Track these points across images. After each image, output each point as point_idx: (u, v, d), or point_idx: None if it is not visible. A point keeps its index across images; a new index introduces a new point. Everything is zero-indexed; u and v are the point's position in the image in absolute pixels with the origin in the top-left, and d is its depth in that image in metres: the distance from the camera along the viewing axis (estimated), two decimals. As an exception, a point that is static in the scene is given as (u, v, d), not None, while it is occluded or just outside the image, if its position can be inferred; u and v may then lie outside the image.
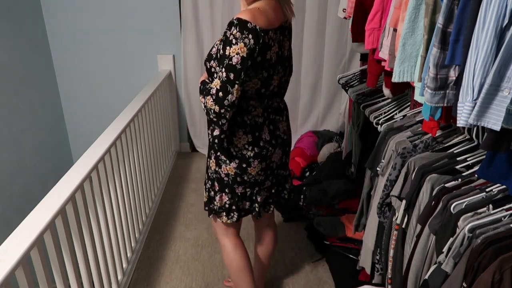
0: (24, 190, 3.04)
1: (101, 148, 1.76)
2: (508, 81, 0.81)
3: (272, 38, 1.31)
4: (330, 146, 3.19)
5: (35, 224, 1.24)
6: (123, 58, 3.43)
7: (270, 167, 1.53)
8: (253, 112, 1.43)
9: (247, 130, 1.44)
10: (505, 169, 1.07)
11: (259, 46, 1.26)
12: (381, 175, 1.66)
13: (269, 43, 1.30)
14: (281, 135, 1.52)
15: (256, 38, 1.25)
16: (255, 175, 1.50)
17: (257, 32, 1.25)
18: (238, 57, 1.24)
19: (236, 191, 1.54)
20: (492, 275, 0.92)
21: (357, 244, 2.19)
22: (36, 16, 3.20)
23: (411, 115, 1.78)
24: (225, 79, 1.26)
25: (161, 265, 2.22)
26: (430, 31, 1.11)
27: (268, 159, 1.50)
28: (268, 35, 1.28)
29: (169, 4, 3.25)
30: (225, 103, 1.28)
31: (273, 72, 1.38)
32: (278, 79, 1.42)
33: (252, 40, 1.24)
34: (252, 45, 1.24)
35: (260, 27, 1.25)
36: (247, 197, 1.57)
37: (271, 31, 1.30)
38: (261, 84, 1.37)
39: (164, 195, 2.92)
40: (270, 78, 1.38)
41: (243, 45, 1.24)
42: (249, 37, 1.24)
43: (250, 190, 1.55)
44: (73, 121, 3.64)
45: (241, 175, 1.49)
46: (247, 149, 1.45)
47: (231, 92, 1.27)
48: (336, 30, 3.29)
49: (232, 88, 1.27)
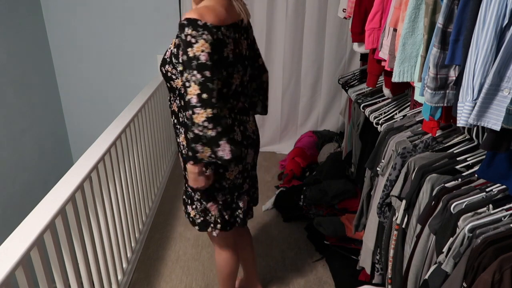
0: (24, 190, 3.04)
1: (101, 148, 1.76)
2: (508, 81, 0.81)
3: (226, 35, 1.27)
4: (330, 146, 3.19)
5: (35, 224, 1.24)
6: (123, 58, 3.43)
7: (246, 169, 1.51)
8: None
9: None
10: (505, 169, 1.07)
11: (215, 43, 1.23)
12: (381, 175, 1.66)
13: (223, 39, 1.26)
14: (251, 135, 1.49)
15: (210, 33, 1.21)
16: (233, 179, 1.47)
17: (209, 28, 1.21)
18: (205, 53, 1.20)
19: (217, 199, 1.49)
20: (492, 275, 0.92)
21: (357, 244, 2.19)
22: (36, 16, 3.20)
23: (411, 115, 1.78)
24: (202, 79, 1.20)
25: (161, 265, 2.22)
26: (430, 31, 1.11)
27: (244, 160, 1.47)
28: (220, 31, 1.24)
29: (169, 4, 3.25)
30: (213, 101, 1.22)
31: (232, 70, 1.33)
32: (239, 78, 1.38)
33: (209, 36, 1.21)
34: (211, 41, 1.21)
35: (210, 24, 1.22)
36: (228, 206, 1.53)
37: (223, 28, 1.25)
38: (222, 84, 1.31)
39: (164, 195, 2.92)
40: (230, 77, 1.34)
41: (204, 42, 1.20)
42: (205, 33, 1.20)
43: (230, 196, 1.51)
44: (73, 121, 3.64)
45: (219, 180, 1.45)
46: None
47: (214, 89, 1.22)
48: (336, 30, 3.29)
49: (212, 84, 1.22)
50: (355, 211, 2.21)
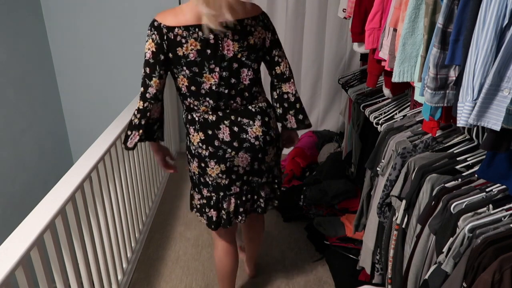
0: (24, 190, 3.04)
1: (101, 148, 1.76)
2: (508, 81, 0.81)
3: (181, 35, 1.32)
4: (330, 146, 3.18)
5: (35, 224, 1.24)
6: (123, 58, 3.43)
7: (233, 171, 1.48)
8: (198, 110, 1.44)
9: (197, 127, 1.45)
10: (505, 169, 1.07)
11: (165, 42, 1.33)
12: (381, 175, 1.66)
13: (175, 39, 1.32)
14: (248, 139, 1.45)
15: (159, 34, 1.32)
16: (215, 177, 1.48)
17: (160, 29, 1.32)
18: (149, 51, 1.34)
19: (202, 193, 1.55)
20: (492, 275, 0.92)
21: (357, 244, 2.19)
22: (36, 16, 3.20)
23: (411, 115, 1.78)
24: (143, 75, 1.37)
25: (161, 265, 2.22)
26: (430, 31, 1.11)
27: (228, 161, 1.45)
28: (173, 32, 1.32)
29: (169, 4, 3.24)
30: (147, 96, 1.38)
31: (199, 70, 1.36)
32: (216, 78, 1.38)
33: (158, 36, 1.32)
34: (158, 41, 1.33)
35: (164, 25, 1.32)
36: (213, 205, 1.54)
37: (177, 28, 1.31)
38: (189, 81, 1.39)
39: (164, 195, 2.92)
40: (199, 76, 1.37)
41: (151, 41, 1.34)
42: (155, 33, 1.33)
43: (215, 196, 1.53)
44: (73, 121, 3.63)
45: (203, 175, 1.50)
46: (201, 147, 1.45)
47: (150, 85, 1.36)
48: (336, 30, 3.29)
49: (150, 81, 1.36)
50: (355, 211, 2.21)
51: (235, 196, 1.54)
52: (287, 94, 1.55)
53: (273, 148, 1.54)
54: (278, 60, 1.51)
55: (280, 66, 1.52)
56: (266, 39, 1.45)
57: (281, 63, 1.52)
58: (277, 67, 1.52)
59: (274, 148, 1.55)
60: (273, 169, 1.61)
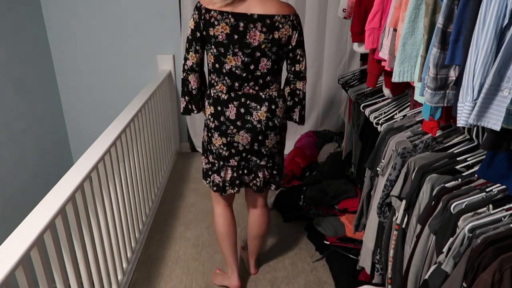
0: (24, 190, 3.04)
1: (101, 148, 1.76)
2: (508, 81, 0.81)
3: (215, 17, 1.49)
4: (330, 146, 3.18)
5: (35, 224, 1.24)
6: (123, 58, 3.43)
7: (233, 146, 1.66)
8: (216, 86, 1.61)
9: (210, 101, 1.64)
10: (505, 169, 1.07)
11: (202, 22, 1.51)
12: (381, 175, 1.66)
13: (210, 20, 1.50)
14: (252, 121, 1.62)
15: (199, 14, 1.51)
16: (218, 147, 1.68)
17: (200, 10, 1.51)
18: (190, 29, 1.55)
19: (209, 158, 1.75)
20: (492, 275, 0.92)
21: (357, 244, 2.19)
22: (36, 16, 3.20)
23: (411, 115, 1.78)
24: (185, 48, 1.59)
25: (161, 265, 2.22)
26: (430, 31, 1.11)
27: (229, 136, 1.64)
28: (209, 13, 1.49)
29: (169, 4, 3.25)
30: (185, 67, 1.61)
31: (225, 51, 1.53)
32: (238, 61, 1.54)
33: (197, 16, 1.52)
34: (197, 20, 1.52)
35: (204, 7, 1.50)
36: (215, 170, 1.74)
37: (213, 11, 1.48)
38: (214, 59, 1.57)
39: (164, 195, 2.92)
40: (223, 56, 1.54)
41: (192, 20, 1.54)
42: (196, 13, 1.52)
43: (217, 162, 1.72)
44: (73, 121, 3.63)
45: (209, 143, 1.71)
46: (210, 120, 1.66)
47: (188, 58, 1.59)
48: (336, 30, 3.29)
49: (187, 54, 1.58)
50: (355, 211, 2.21)
51: (232, 168, 1.71)
52: (299, 90, 1.70)
53: (275, 134, 1.68)
54: (300, 59, 1.64)
55: (299, 64, 1.65)
56: (292, 38, 1.59)
57: (302, 62, 1.65)
58: (297, 64, 1.65)
59: (276, 135, 1.69)
60: (274, 156, 1.75)
